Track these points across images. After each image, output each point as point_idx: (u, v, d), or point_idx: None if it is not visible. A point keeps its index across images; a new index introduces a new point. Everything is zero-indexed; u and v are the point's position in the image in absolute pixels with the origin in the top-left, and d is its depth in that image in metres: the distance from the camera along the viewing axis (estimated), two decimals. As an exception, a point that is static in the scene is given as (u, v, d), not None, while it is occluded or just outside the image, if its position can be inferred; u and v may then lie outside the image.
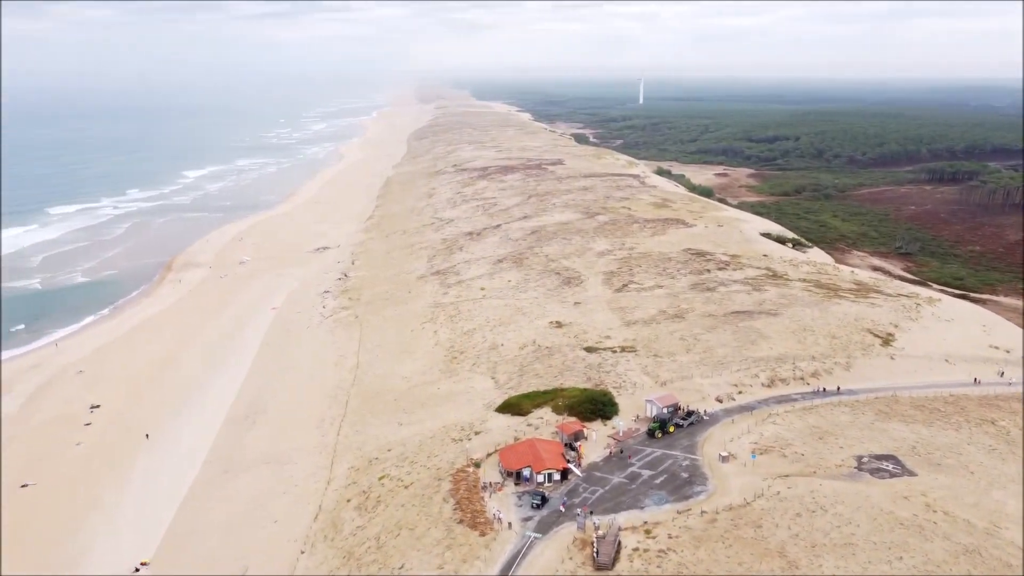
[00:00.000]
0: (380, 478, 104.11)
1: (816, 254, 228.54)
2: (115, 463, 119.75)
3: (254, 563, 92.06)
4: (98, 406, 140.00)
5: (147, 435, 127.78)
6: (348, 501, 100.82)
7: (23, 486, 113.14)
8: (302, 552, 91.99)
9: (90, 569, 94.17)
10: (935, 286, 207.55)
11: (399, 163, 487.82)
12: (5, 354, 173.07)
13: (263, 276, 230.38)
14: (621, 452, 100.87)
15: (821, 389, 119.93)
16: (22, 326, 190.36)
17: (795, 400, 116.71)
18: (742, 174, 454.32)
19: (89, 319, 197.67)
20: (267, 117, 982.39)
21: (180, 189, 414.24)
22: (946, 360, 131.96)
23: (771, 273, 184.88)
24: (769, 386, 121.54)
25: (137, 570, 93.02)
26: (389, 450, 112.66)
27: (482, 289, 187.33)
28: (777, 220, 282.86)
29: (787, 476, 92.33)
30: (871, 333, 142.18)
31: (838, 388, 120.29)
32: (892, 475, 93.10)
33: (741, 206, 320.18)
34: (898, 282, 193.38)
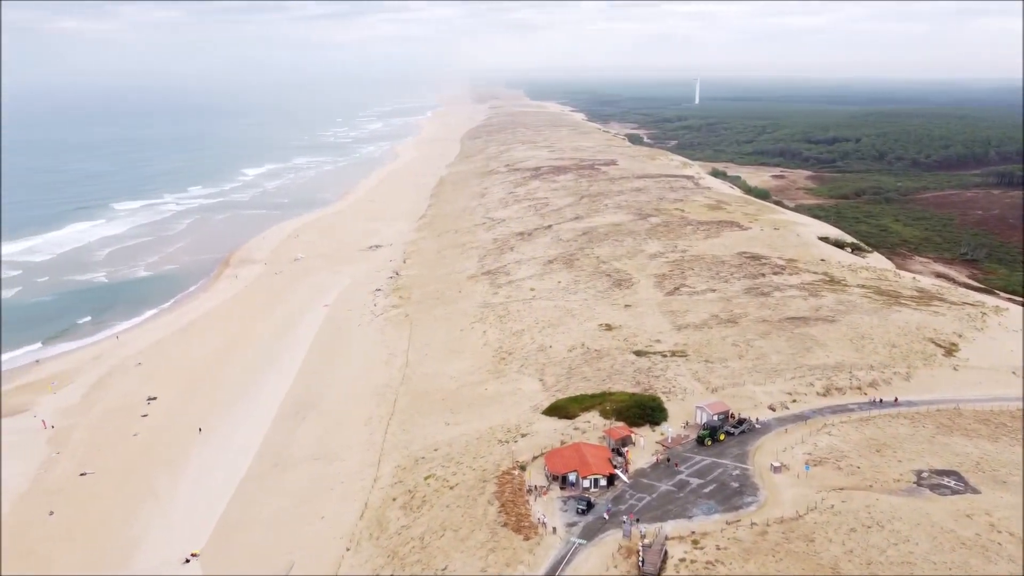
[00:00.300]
0: (426, 478, 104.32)
1: (876, 259, 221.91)
2: (170, 455, 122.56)
3: (301, 558, 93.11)
4: (155, 398, 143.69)
5: (200, 429, 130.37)
6: (394, 500, 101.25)
7: (82, 474, 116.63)
8: (347, 549, 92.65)
9: (143, 558, 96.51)
10: (1002, 295, 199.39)
11: (452, 162, 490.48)
12: (72, 344, 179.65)
13: (317, 273, 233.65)
14: (668, 461, 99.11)
15: (877, 400, 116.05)
16: (88, 318, 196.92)
17: (851, 410, 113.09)
18: (800, 176, 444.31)
19: (149, 312, 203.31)
20: (325, 116, 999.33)
21: (239, 186, 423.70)
22: (1013, 372, 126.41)
23: (828, 278, 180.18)
24: (824, 395, 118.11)
25: (187, 561, 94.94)
26: (436, 450, 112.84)
27: (532, 290, 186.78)
28: (836, 224, 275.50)
29: (842, 489, 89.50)
30: (933, 342, 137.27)
31: (895, 399, 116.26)
32: (954, 492, 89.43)
33: (798, 209, 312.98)
34: (963, 290, 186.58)
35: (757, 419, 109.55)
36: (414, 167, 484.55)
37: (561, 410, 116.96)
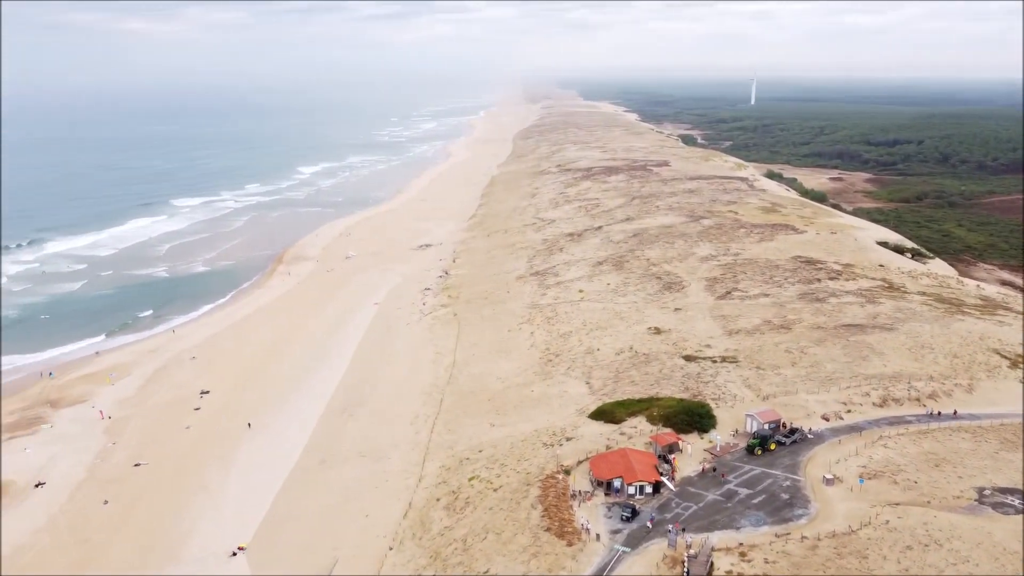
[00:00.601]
0: (470, 479, 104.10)
1: (938, 266, 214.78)
2: (220, 448, 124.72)
3: (344, 555, 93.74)
4: (207, 392, 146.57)
5: (249, 424, 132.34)
6: (437, 500, 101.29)
7: (136, 465, 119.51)
8: (390, 549, 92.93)
9: (192, 549, 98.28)
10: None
11: (504, 162, 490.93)
12: (131, 337, 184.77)
13: (367, 271, 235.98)
14: (714, 470, 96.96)
15: (935, 412, 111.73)
16: (150, 312, 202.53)
17: (909, 422, 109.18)
18: (858, 179, 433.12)
19: (206, 307, 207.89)
20: (380, 115, 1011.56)
21: (295, 184, 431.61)
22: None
23: (887, 285, 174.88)
24: (881, 406, 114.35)
25: (235, 554, 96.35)
26: (480, 451, 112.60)
27: (580, 291, 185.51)
28: (896, 228, 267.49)
29: (898, 505, 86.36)
30: (998, 353, 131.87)
31: (955, 412, 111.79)
32: (1018, 511, 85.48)
33: (856, 212, 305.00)
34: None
35: (810, 429, 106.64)
36: (466, 166, 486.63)
37: (607, 414, 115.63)
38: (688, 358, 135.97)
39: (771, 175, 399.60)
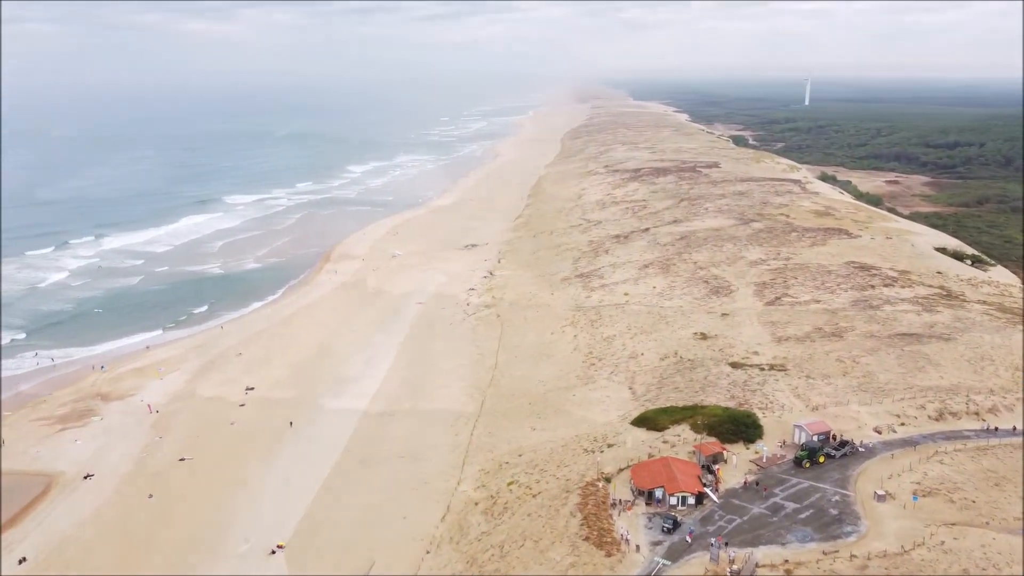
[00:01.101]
0: (509, 484, 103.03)
1: (999, 273, 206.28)
2: (263, 445, 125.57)
3: (381, 557, 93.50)
4: (252, 388, 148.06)
5: (291, 423, 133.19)
6: (476, 505, 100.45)
7: (181, 460, 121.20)
8: (427, 552, 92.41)
9: (232, 546, 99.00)
10: None
11: (551, 162, 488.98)
12: (182, 332, 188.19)
13: (412, 270, 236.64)
14: (757, 484, 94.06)
15: (992, 428, 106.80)
16: (205, 307, 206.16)
17: (967, 438, 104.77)
18: (916, 182, 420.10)
19: (255, 304, 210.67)
20: (431, 115, 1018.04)
21: (345, 183, 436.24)
22: None
23: (945, 292, 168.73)
24: (937, 419, 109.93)
25: (273, 552, 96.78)
26: (520, 455, 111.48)
27: (625, 294, 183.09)
28: (955, 234, 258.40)
29: (954, 525, 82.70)
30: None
31: (1014, 428, 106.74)
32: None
33: (913, 217, 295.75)
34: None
35: (861, 442, 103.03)
36: (513, 166, 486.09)
37: (650, 421, 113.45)
38: (735, 365, 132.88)
39: (824, 177, 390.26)
